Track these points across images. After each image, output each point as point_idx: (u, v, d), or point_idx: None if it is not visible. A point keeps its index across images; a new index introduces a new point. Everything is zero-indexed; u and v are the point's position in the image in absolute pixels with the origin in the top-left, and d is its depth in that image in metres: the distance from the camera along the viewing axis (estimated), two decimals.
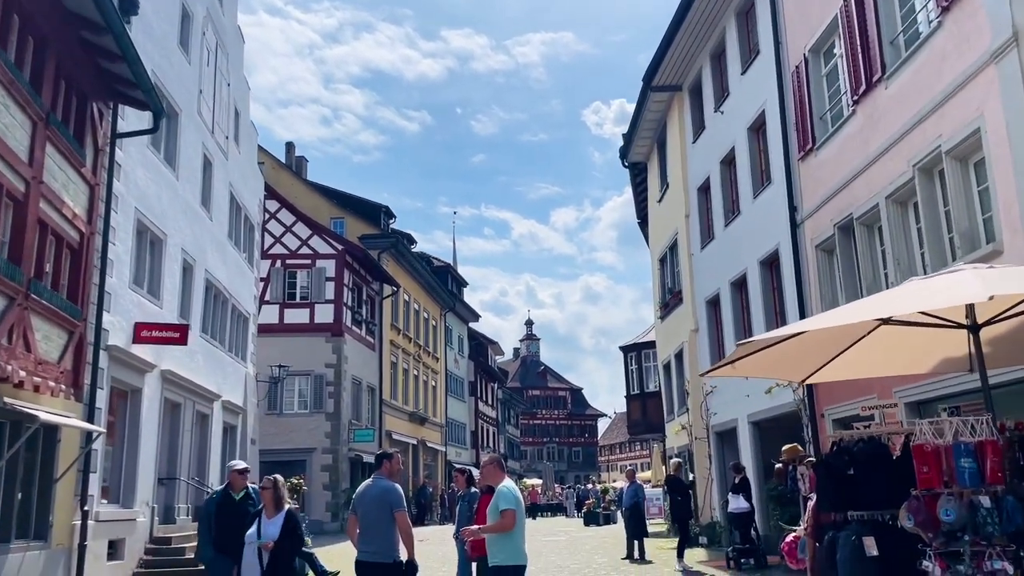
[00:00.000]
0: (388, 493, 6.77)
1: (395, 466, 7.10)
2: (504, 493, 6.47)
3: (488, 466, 7.00)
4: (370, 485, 6.93)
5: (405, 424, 35.35)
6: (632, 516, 16.04)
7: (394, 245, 33.45)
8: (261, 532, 7.55)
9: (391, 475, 7.02)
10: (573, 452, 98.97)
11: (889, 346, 6.59)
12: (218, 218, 18.74)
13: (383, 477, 6.95)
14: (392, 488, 6.81)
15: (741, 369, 6.73)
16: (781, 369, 7.17)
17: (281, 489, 7.91)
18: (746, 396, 15.58)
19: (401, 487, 6.97)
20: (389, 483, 6.87)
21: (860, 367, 6.99)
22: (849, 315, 5.42)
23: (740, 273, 15.90)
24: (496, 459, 7.07)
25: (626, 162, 23.37)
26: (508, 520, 6.35)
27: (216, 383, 18.49)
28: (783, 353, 6.59)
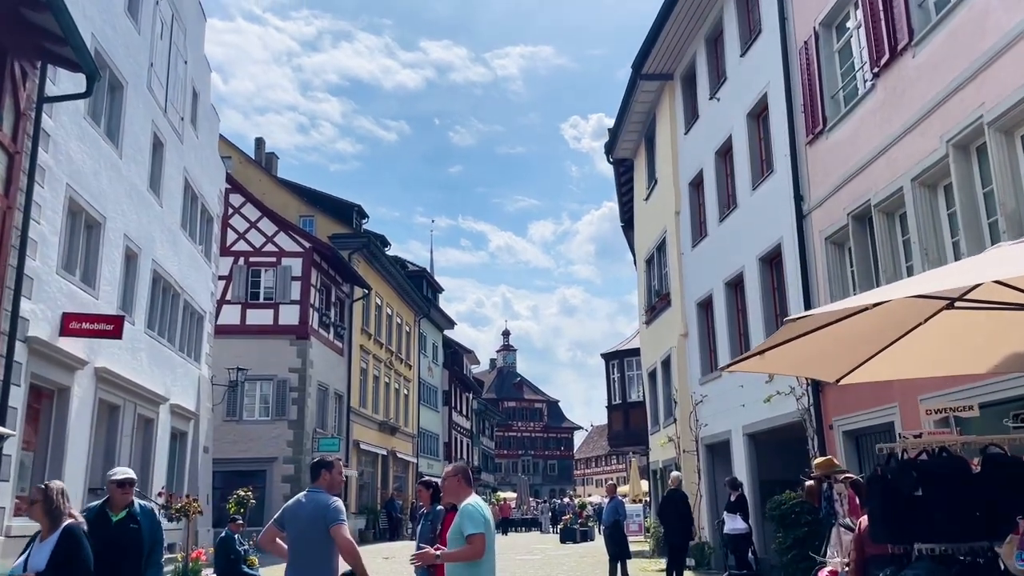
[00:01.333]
0: (326, 510, 5.38)
1: (336, 477, 5.71)
2: (470, 513, 5.12)
3: (451, 479, 5.63)
4: (303, 501, 5.54)
5: (374, 434, 33.77)
6: (613, 535, 14.64)
7: (366, 245, 31.95)
8: (28, 562, 5.51)
9: (331, 488, 5.63)
10: (549, 465, 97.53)
11: (951, 337, 5.33)
12: (170, 205, 17.23)
13: (321, 490, 5.56)
14: (330, 504, 5.42)
15: (770, 363, 5.43)
16: (813, 365, 5.87)
17: (55, 500, 5.63)
18: (741, 406, 14.31)
19: (341, 501, 5.58)
20: (327, 497, 5.48)
21: (909, 364, 5.72)
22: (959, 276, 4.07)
23: (736, 272, 14.66)
24: (461, 470, 5.69)
25: (611, 158, 22.14)
26: (476, 547, 5.02)
27: (163, 385, 16.93)
28: (818, 346, 5.30)
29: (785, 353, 5.20)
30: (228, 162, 32.66)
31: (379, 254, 33.98)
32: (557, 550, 24.13)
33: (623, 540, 14.51)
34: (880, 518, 4.66)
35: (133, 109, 15.06)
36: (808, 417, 11.89)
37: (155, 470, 16.51)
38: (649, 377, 20.73)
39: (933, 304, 5.05)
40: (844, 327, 4.91)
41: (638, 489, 32.92)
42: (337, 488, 5.69)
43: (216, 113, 21.55)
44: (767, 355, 5.12)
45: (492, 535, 5.25)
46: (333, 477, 5.67)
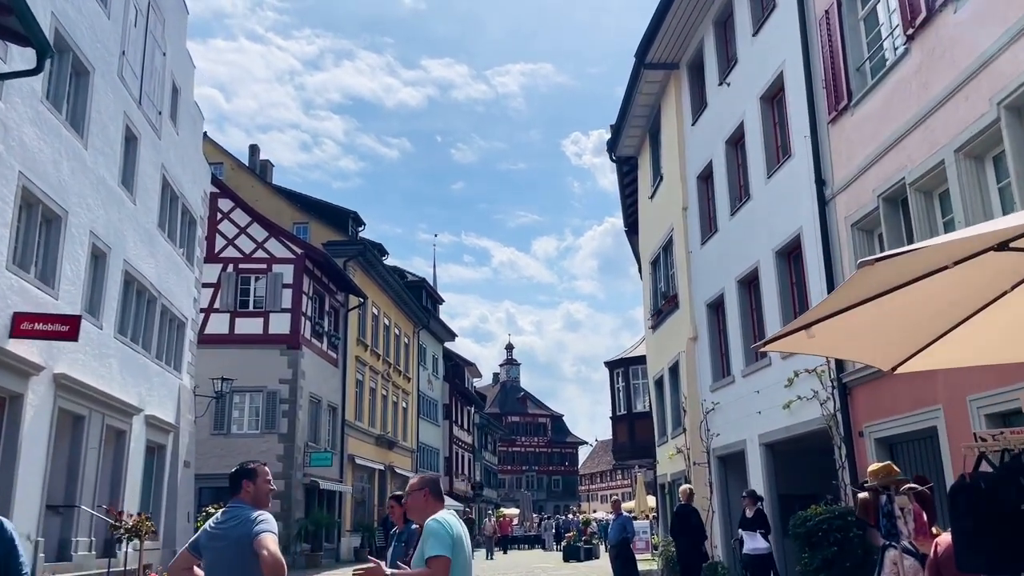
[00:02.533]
0: (250, 524, 4.25)
1: (262, 487, 4.55)
2: (434, 530, 4.04)
3: (415, 494, 4.52)
4: (220, 520, 4.42)
5: (371, 448, 32.59)
6: (621, 554, 13.48)
7: (362, 253, 30.89)
8: None
9: (256, 501, 4.49)
10: (553, 481, 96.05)
11: None
12: (145, 203, 16.20)
13: (244, 505, 4.43)
14: (254, 516, 4.29)
15: (816, 342, 4.31)
16: (865, 347, 4.78)
17: None
18: (757, 413, 13.15)
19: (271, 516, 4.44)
20: (253, 512, 4.35)
21: (990, 348, 4.62)
22: None
23: (750, 268, 13.55)
24: (428, 483, 4.57)
25: (614, 156, 21.08)
26: (435, 572, 3.92)
27: (137, 394, 15.84)
28: (873, 322, 4.24)
29: (834, 330, 4.12)
30: (219, 168, 31.81)
31: (376, 262, 32.93)
32: (560, 569, 22.90)
33: (631, 560, 13.36)
34: (971, 540, 3.53)
35: (102, 97, 14.06)
36: (834, 424, 10.74)
37: (127, 486, 15.39)
38: (656, 385, 19.57)
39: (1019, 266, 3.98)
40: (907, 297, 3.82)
41: (644, 505, 31.68)
42: (265, 501, 4.54)
43: (200, 111, 20.58)
44: (816, 331, 4.03)
45: (464, 558, 4.15)
46: (258, 487, 4.52)
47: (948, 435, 8.37)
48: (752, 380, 13.44)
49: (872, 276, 3.23)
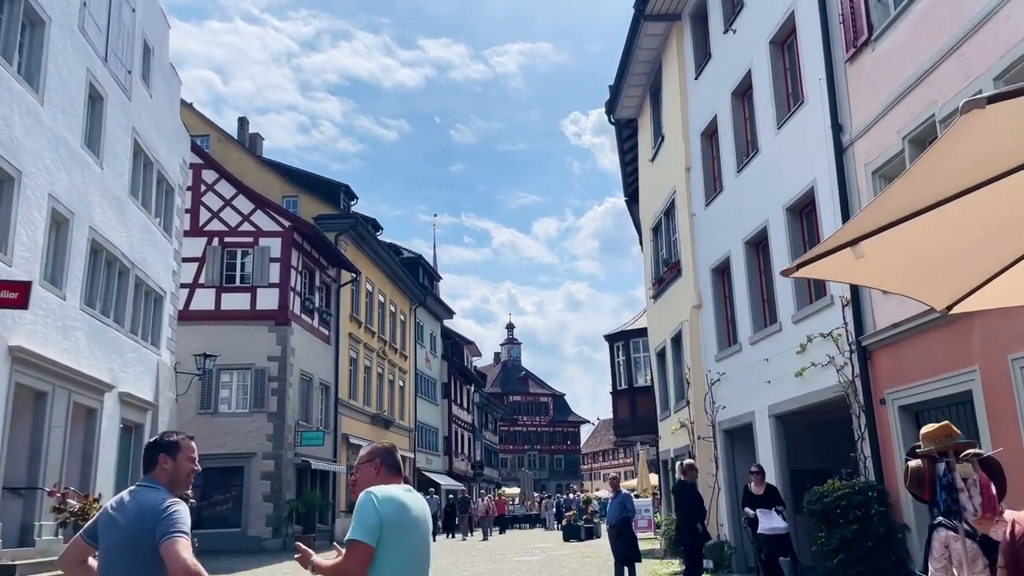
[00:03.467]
0: (156, 516, 3.34)
1: (184, 465, 3.64)
2: (358, 508, 3.22)
3: (364, 467, 3.66)
4: (126, 502, 3.51)
5: (366, 427, 31.79)
6: (622, 534, 12.62)
7: (353, 227, 29.90)
8: None
9: (173, 481, 3.58)
10: (555, 460, 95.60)
11: None
12: (114, 168, 15.24)
13: (156, 485, 3.52)
14: (162, 507, 3.39)
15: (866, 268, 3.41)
16: (921, 279, 3.84)
17: None
18: (766, 383, 12.27)
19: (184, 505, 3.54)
20: (161, 497, 3.45)
21: None
22: None
23: (758, 228, 12.61)
24: (379, 453, 3.70)
25: (613, 118, 20.07)
26: (350, 562, 3.09)
27: (109, 370, 14.98)
28: (931, 248, 3.34)
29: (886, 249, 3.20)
30: (206, 140, 30.81)
31: (369, 237, 31.96)
32: (559, 549, 22.14)
33: (632, 540, 12.49)
34: None
35: (60, 51, 13.07)
36: (853, 391, 9.85)
37: (99, 466, 14.56)
38: (657, 357, 18.69)
39: None
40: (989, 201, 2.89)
41: (647, 482, 30.94)
42: (184, 483, 3.63)
43: (176, 74, 19.58)
44: (863, 250, 3.11)
45: (406, 548, 3.27)
46: (178, 465, 3.59)
47: (986, 400, 7.47)
48: (761, 348, 12.55)
49: (971, 140, 2.27)
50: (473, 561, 18.85)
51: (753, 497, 10.42)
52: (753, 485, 10.47)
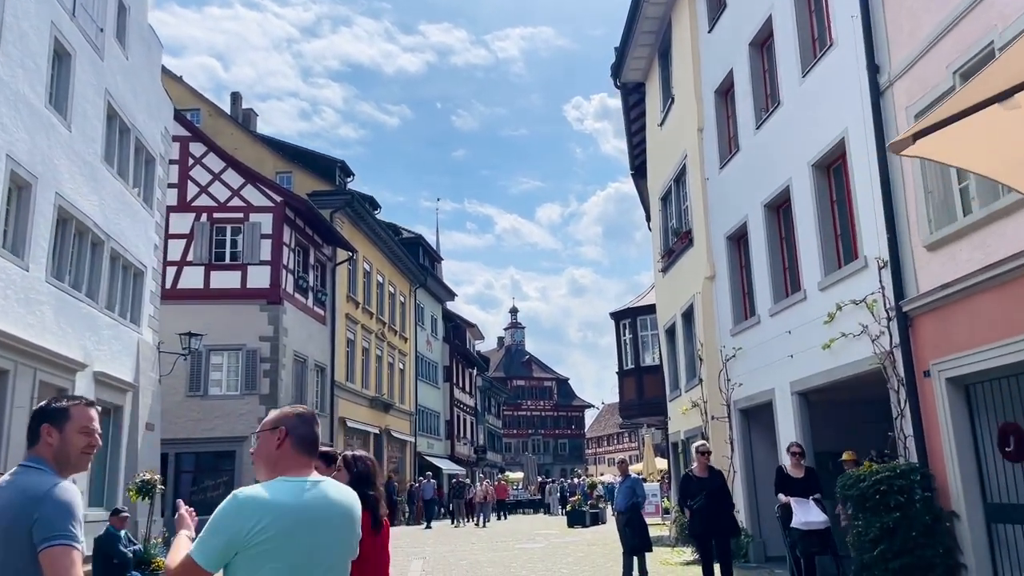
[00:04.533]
0: (32, 510, 2.41)
1: (74, 438, 2.69)
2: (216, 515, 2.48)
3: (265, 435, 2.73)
4: (2, 484, 2.57)
5: (364, 411, 30.87)
6: (631, 521, 11.64)
7: (349, 204, 28.83)
8: None
9: (60, 460, 2.65)
10: (559, 444, 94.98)
11: None
12: (83, 131, 14.19)
13: (41, 464, 2.59)
14: (44, 497, 2.45)
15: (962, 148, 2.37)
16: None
17: None
18: (788, 357, 11.25)
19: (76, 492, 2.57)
20: (44, 481, 2.51)
21: None
22: None
23: (779, 189, 11.55)
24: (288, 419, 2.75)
25: (619, 82, 18.95)
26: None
27: (82, 348, 14.01)
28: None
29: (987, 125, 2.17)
30: (196, 114, 29.76)
31: (366, 215, 30.90)
32: (563, 536, 21.22)
33: (643, 529, 11.51)
34: None
35: (19, 1, 12.01)
36: (890, 363, 8.82)
37: None
38: (667, 334, 17.67)
39: None
40: None
41: (653, 467, 30.01)
42: (78, 462, 2.71)
43: (157, 38, 18.48)
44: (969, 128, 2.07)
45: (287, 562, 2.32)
46: (66, 439, 2.67)
47: None
48: (782, 319, 11.51)
49: None
50: (472, 549, 17.94)
51: (790, 481, 8.96)
52: (790, 466, 9.15)
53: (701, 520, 8.82)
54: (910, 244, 8.44)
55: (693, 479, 9.05)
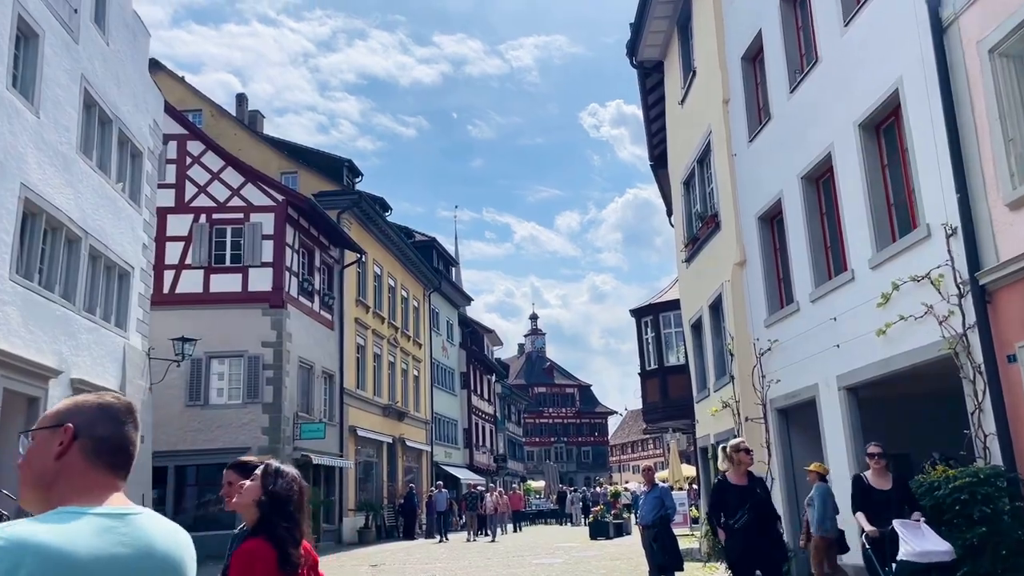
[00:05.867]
0: None
1: None
2: None
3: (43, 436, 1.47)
4: None
5: (377, 419, 29.66)
6: (660, 536, 10.31)
7: (356, 204, 27.69)
8: None
9: None
10: (583, 452, 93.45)
11: None
12: (55, 119, 13.12)
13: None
14: None
15: None
16: None
17: None
18: (834, 348, 9.88)
19: None
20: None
21: None
22: None
23: (819, 157, 10.20)
24: (78, 412, 1.47)
25: (634, 60, 17.65)
26: None
27: (55, 353, 12.91)
28: None
29: None
30: (198, 115, 28.83)
31: (375, 216, 29.75)
32: (585, 549, 19.84)
33: (673, 544, 10.18)
34: None
35: None
36: (963, 347, 7.44)
37: None
38: (693, 330, 16.30)
39: None
40: None
41: (679, 474, 28.54)
42: None
43: (143, 26, 17.47)
44: None
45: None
46: None
47: None
48: (826, 304, 10.14)
49: None
50: (488, 565, 16.65)
51: (873, 495, 6.94)
52: (871, 475, 7.17)
53: (743, 543, 6.75)
54: (986, 204, 7.08)
55: (730, 488, 6.95)
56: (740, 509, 6.72)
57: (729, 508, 6.86)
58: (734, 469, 7.13)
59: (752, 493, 6.90)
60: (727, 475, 7.20)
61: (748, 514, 6.68)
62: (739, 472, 7.08)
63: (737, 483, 7.00)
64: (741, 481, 7.01)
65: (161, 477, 21.27)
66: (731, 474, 7.13)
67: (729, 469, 7.27)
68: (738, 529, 6.71)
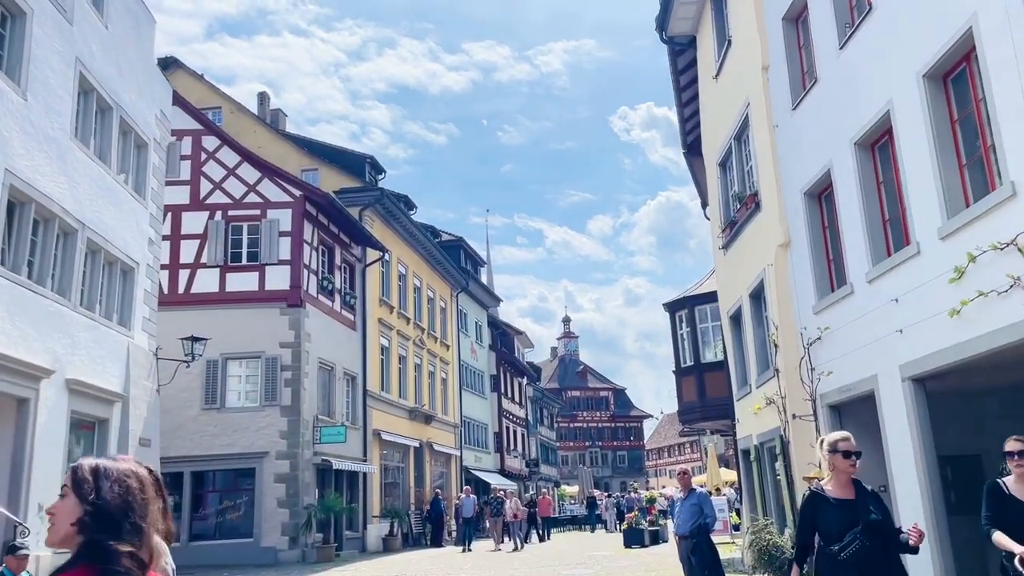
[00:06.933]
0: None
1: None
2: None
3: None
4: None
5: (402, 422, 28.76)
6: (699, 547, 9.18)
7: (379, 200, 26.85)
8: None
9: None
10: (618, 456, 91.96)
11: None
12: (45, 103, 12.35)
13: None
14: None
15: None
16: None
17: None
18: (896, 333, 8.66)
19: None
20: None
21: None
22: None
23: (875, 119, 9.00)
24: None
25: (664, 35, 16.52)
26: None
27: (48, 352, 12.13)
28: None
29: None
30: (218, 113, 28.25)
31: (399, 214, 28.88)
32: (619, 559, 18.66)
33: (713, 558, 9.05)
34: None
35: None
36: None
37: (35, 471, 11.65)
38: (731, 322, 15.10)
39: None
40: None
41: (717, 479, 27.24)
42: None
43: (148, 12, 16.73)
44: None
45: None
46: None
47: None
48: (885, 284, 8.93)
49: None
50: (514, 574, 15.58)
51: (1014, 507, 4.99)
52: (1014, 481, 5.10)
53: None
54: None
55: (830, 503, 4.70)
56: (848, 533, 4.57)
57: (832, 531, 4.66)
58: (833, 476, 4.82)
59: (863, 510, 4.63)
60: (823, 485, 4.90)
61: (860, 540, 4.52)
62: (840, 481, 4.78)
63: (840, 496, 4.73)
64: (845, 494, 4.73)
65: (177, 483, 20.56)
66: (829, 483, 4.84)
67: (825, 476, 4.98)
68: (844, 561, 4.55)
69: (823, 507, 4.73)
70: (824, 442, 4.90)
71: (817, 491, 4.85)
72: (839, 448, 4.77)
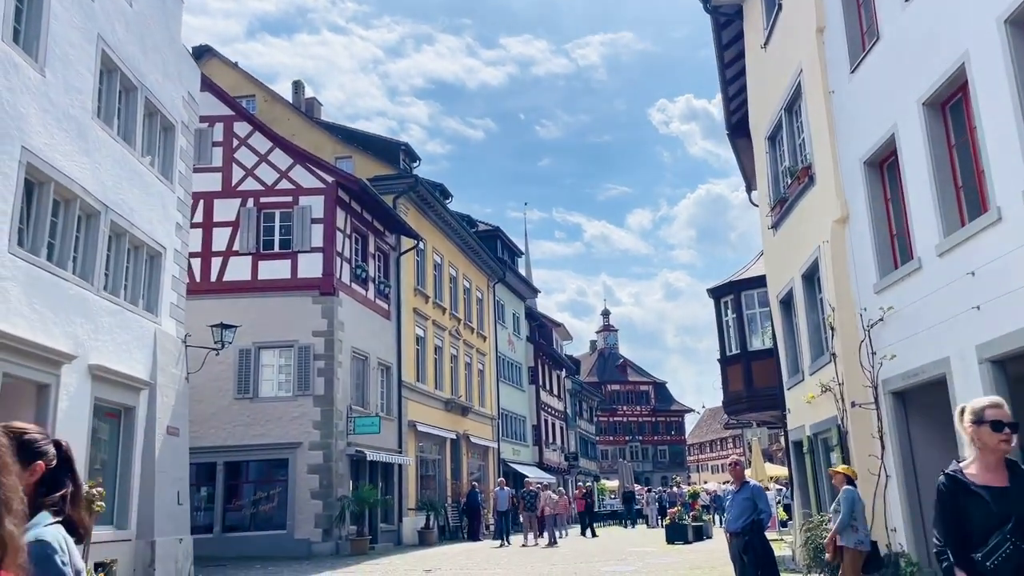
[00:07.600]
0: None
1: None
2: None
3: None
4: None
5: (438, 414, 28.26)
6: (749, 548, 8.43)
7: (413, 188, 26.31)
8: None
9: None
10: (659, 451, 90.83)
11: None
12: (65, 79, 11.96)
13: None
14: None
15: None
16: None
17: None
18: (972, 310, 7.82)
19: None
20: None
21: None
22: None
23: (947, 75, 8.13)
24: None
25: (710, 4, 15.66)
26: None
27: (69, 336, 11.77)
28: None
29: None
30: (251, 101, 27.99)
31: (434, 202, 28.34)
32: (661, 556, 17.89)
33: (767, 556, 8.30)
34: None
35: None
36: None
37: None
38: (782, 306, 14.25)
39: None
40: None
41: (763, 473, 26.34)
42: None
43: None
44: None
45: None
46: None
47: None
48: (959, 257, 8.08)
49: None
50: (551, 572, 14.94)
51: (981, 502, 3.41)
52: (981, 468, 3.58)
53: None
54: None
55: (972, 490, 3.43)
56: (996, 531, 3.33)
57: (975, 526, 3.40)
58: (979, 457, 3.52)
59: (1017, 500, 3.37)
60: (964, 469, 3.55)
61: (1013, 542, 3.29)
62: (988, 462, 3.49)
63: (985, 483, 3.45)
64: (996, 481, 3.45)
65: (210, 474, 20.34)
66: (972, 466, 3.53)
67: (969, 458, 3.60)
68: (990, 571, 3.30)
69: (966, 493, 3.44)
70: (966, 410, 3.60)
71: (955, 474, 3.51)
72: (986, 417, 3.48)
